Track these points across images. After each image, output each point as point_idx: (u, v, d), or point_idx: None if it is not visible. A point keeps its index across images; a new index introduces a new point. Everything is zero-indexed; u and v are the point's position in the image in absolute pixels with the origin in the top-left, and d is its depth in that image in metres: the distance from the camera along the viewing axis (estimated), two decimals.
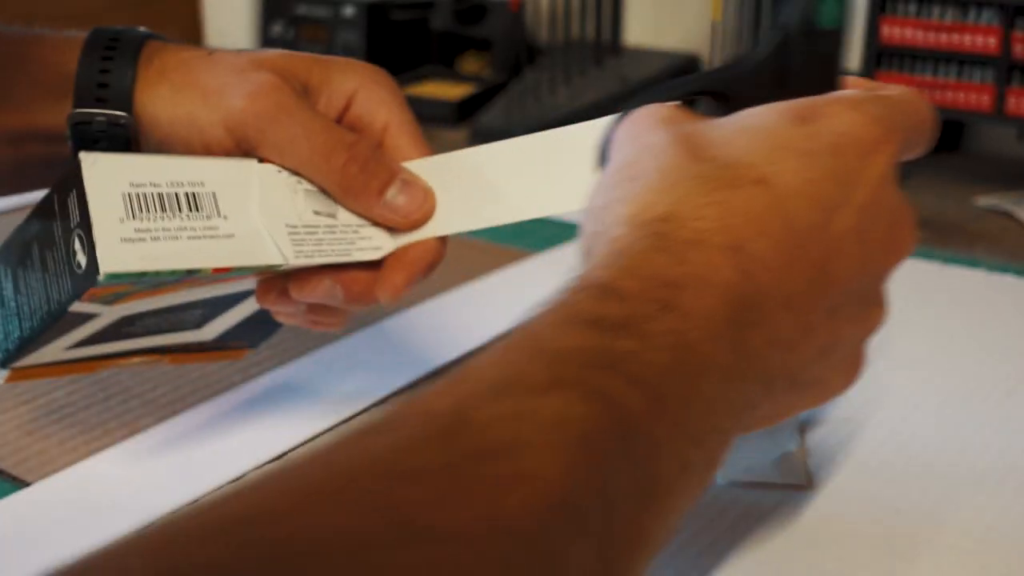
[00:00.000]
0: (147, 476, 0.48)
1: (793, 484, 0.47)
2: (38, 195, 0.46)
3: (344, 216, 0.47)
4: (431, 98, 1.09)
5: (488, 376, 0.29)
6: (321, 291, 0.46)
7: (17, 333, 0.46)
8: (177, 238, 0.43)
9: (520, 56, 1.12)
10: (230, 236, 0.44)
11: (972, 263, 0.73)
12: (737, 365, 0.33)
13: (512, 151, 0.47)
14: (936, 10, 0.85)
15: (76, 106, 0.47)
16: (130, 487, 0.47)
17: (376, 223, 0.47)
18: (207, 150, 0.47)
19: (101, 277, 0.41)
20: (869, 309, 0.39)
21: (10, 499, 0.46)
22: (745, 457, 0.49)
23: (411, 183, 0.47)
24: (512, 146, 0.47)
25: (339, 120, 0.48)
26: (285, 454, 0.50)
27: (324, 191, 0.47)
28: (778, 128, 0.36)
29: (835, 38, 0.37)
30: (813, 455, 0.50)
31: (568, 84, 1.07)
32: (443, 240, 0.48)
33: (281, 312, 0.49)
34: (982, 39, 0.84)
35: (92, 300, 0.44)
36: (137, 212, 0.43)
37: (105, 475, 0.48)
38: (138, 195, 0.43)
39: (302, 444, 0.50)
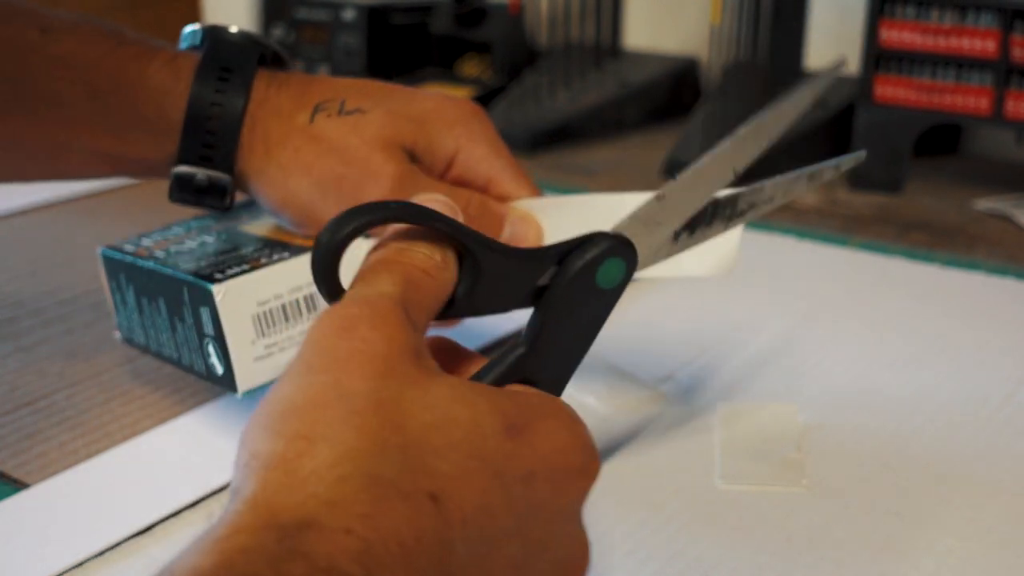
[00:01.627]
0: (147, 479, 0.48)
1: (791, 487, 0.47)
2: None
3: None
4: None
5: None
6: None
7: (143, 342, 0.52)
8: (299, 343, 0.45)
9: (520, 59, 1.13)
10: None
11: (971, 266, 0.73)
12: None
13: (607, 203, 0.48)
14: (935, 13, 0.85)
15: (180, 161, 0.50)
16: (130, 489, 0.47)
17: None
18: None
19: (239, 395, 0.47)
20: None
21: (10, 501, 0.46)
22: (743, 460, 0.49)
23: (521, 219, 0.51)
24: (608, 199, 0.48)
25: (443, 176, 0.51)
26: None
27: None
28: (486, 437, 0.31)
29: (607, 299, 0.37)
30: (812, 458, 0.50)
31: (568, 87, 1.07)
32: None
33: None
34: (981, 42, 0.84)
35: None
36: (266, 330, 0.48)
37: (105, 477, 0.48)
38: (265, 313, 0.48)
39: None
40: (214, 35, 0.53)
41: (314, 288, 0.46)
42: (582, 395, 0.55)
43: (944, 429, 0.52)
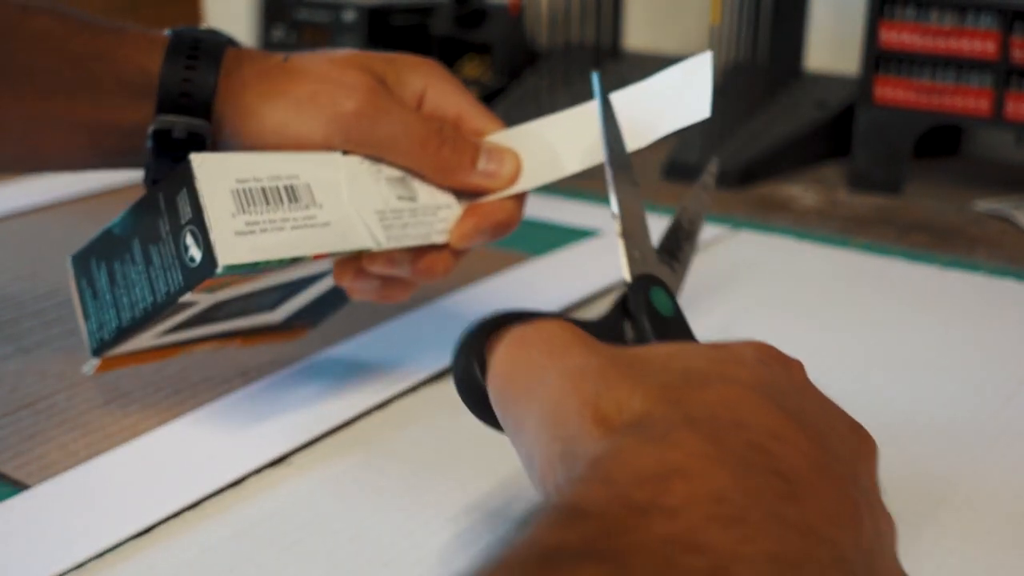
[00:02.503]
0: (148, 479, 0.48)
1: None
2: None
3: (423, 199, 0.52)
4: None
5: None
6: (394, 265, 0.51)
7: (115, 323, 0.49)
8: (282, 228, 0.47)
9: (520, 60, 1.13)
10: (327, 224, 0.48)
11: (971, 267, 0.74)
12: (794, 550, 0.26)
13: (565, 122, 0.54)
14: (935, 15, 0.85)
15: (159, 112, 0.50)
16: (131, 490, 0.47)
17: (459, 198, 0.53)
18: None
19: (220, 269, 0.44)
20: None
21: (10, 502, 0.46)
22: None
23: (496, 150, 0.53)
24: (565, 118, 0.54)
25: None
26: (283, 458, 0.50)
27: (406, 176, 0.52)
28: (707, 351, 0.34)
29: (675, 321, 0.42)
30: None
31: (568, 88, 1.07)
32: (518, 202, 0.53)
33: (355, 288, 0.52)
34: (980, 44, 0.84)
35: (199, 291, 0.47)
36: (246, 207, 0.46)
37: (106, 479, 0.48)
38: (245, 190, 0.47)
39: (297, 450, 0.50)
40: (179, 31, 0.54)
41: (292, 181, 0.48)
42: None
43: (944, 430, 0.52)
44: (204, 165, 0.46)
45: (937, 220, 0.85)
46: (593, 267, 0.72)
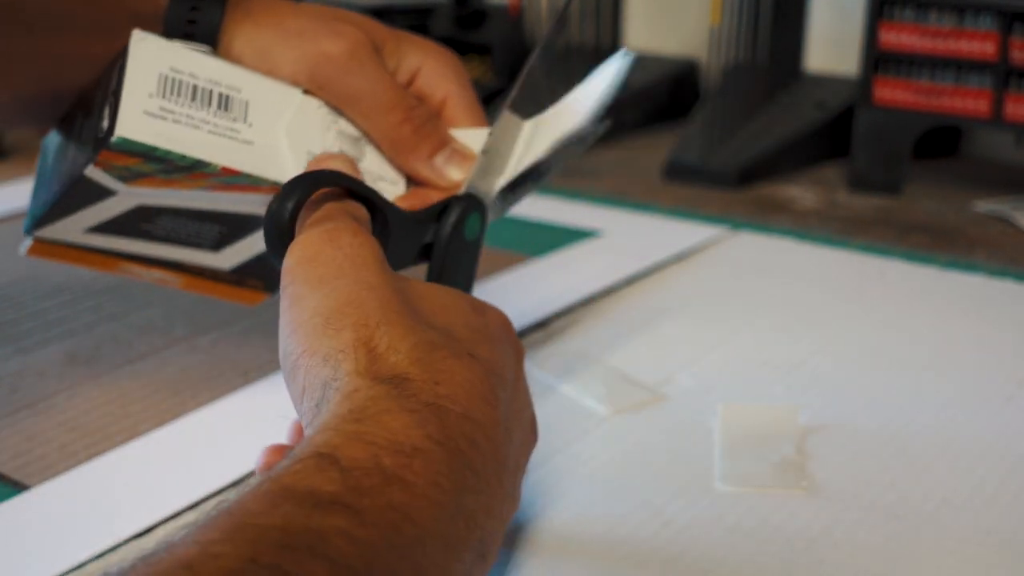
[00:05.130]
0: (148, 480, 0.48)
1: (791, 489, 0.47)
2: None
3: (367, 165, 0.50)
4: None
5: (181, 555, 0.27)
6: None
7: (45, 198, 0.50)
8: (198, 128, 0.46)
9: (520, 61, 1.12)
10: (249, 143, 0.47)
11: (971, 268, 0.74)
12: (458, 534, 0.33)
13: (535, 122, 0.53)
14: (934, 16, 0.85)
15: (164, 35, 0.50)
16: (130, 491, 0.47)
17: (411, 180, 0.52)
18: None
19: (114, 138, 0.44)
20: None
21: (10, 503, 0.46)
22: (743, 462, 0.49)
23: (459, 153, 0.51)
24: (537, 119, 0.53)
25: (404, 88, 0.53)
26: None
27: (361, 139, 0.51)
28: (469, 314, 0.40)
29: (474, 247, 0.46)
30: (812, 460, 0.50)
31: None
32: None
33: None
34: (980, 44, 0.84)
35: (107, 171, 0.46)
36: (167, 93, 0.45)
37: (105, 479, 0.48)
38: (174, 79, 0.46)
39: None
40: None
41: (232, 92, 0.47)
42: (582, 397, 0.55)
43: (944, 431, 0.52)
44: (143, 43, 0.46)
45: (937, 221, 0.85)
46: (593, 268, 0.72)
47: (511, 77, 1.12)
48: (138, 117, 0.44)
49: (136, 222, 0.50)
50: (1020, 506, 0.46)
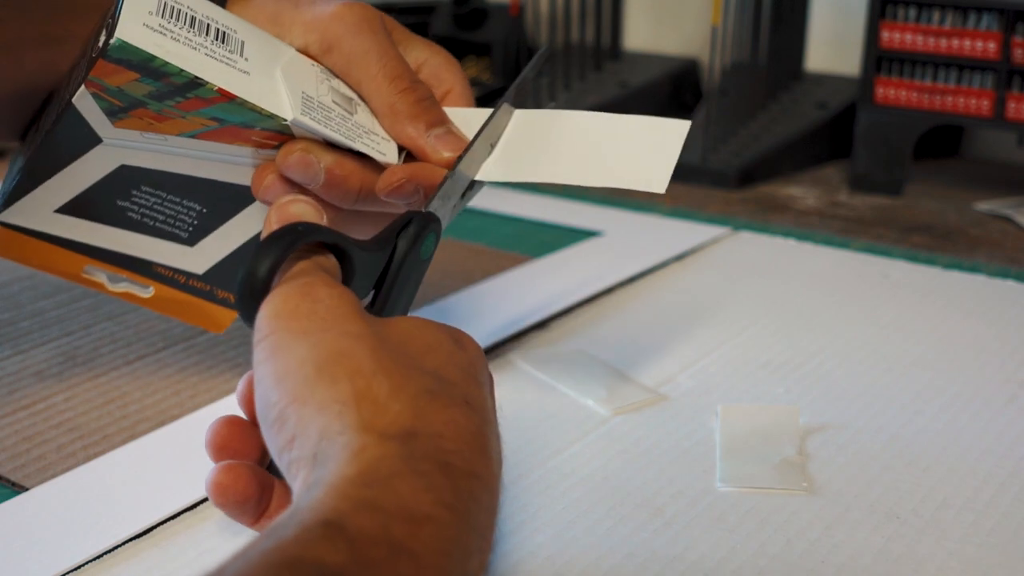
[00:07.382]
0: (146, 481, 0.48)
1: (792, 490, 0.47)
2: None
3: (360, 118, 0.50)
4: None
5: None
6: (304, 163, 0.48)
7: (19, 165, 0.49)
8: (196, 49, 0.45)
9: (520, 60, 1.12)
10: (246, 72, 0.47)
11: (972, 268, 0.73)
12: None
13: (547, 121, 0.51)
14: (936, 15, 0.85)
15: None
16: (129, 492, 0.47)
17: (402, 146, 0.50)
18: None
19: (114, 40, 0.43)
20: None
21: (9, 504, 0.46)
22: (744, 462, 0.49)
23: (454, 134, 0.50)
24: (548, 117, 0.51)
25: None
26: None
27: (355, 99, 0.50)
28: (454, 352, 0.39)
29: (425, 265, 0.45)
30: (813, 460, 0.50)
31: (568, 88, 1.07)
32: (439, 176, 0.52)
33: (266, 189, 0.50)
34: (982, 44, 0.84)
35: (98, 98, 0.46)
36: (168, 17, 0.45)
37: (104, 481, 0.48)
38: (172, 7, 0.45)
39: None
40: None
41: (228, 31, 0.47)
42: (582, 398, 0.55)
43: (945, 432, 0.52)
44: None
45: (938, 221, 0.85)
46: (594, 268, 0.72)
47: (511, 76, 1.12)
48: (138, 27, 0.44)
49: (112, 197, 0.49)
50: (1021, 507, 0.46)
